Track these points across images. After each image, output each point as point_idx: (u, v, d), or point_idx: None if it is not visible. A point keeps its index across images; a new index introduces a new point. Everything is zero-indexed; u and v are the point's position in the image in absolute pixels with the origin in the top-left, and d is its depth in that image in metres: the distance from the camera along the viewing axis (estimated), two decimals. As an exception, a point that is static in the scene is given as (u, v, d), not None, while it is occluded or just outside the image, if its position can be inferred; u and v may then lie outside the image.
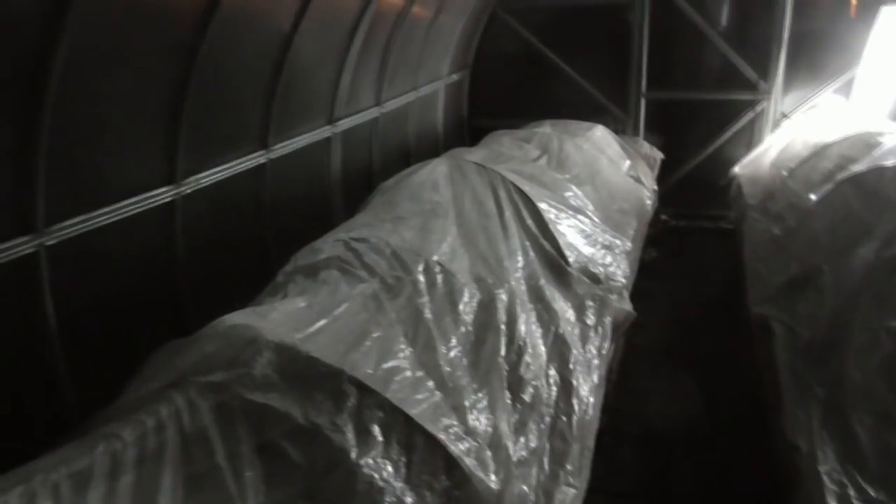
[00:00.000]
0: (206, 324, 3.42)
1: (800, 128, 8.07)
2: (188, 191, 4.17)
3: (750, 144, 8.54)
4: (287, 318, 3.00)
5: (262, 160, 4.79)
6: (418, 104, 7.57)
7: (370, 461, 2.47)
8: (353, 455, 2.45)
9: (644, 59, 8.54)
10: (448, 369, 3.17)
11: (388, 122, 6.78)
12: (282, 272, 3.73)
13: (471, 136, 8.78)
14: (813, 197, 5.84)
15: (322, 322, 3.00)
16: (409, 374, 2.91)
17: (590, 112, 8.38)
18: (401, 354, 3.01)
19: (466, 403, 3.07)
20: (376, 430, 2.58)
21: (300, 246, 4.05)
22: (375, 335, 3.05)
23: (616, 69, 8.67)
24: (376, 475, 2.46)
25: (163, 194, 3.98)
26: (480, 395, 3.20)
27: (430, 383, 2.98)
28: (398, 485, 2.54)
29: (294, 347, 2.70)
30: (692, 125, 8.80)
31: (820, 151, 6.80)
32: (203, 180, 4.28)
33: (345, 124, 5.87)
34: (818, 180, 6.21)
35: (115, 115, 3.61)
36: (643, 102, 8.72)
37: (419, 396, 2.84)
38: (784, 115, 8.52)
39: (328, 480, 2.45)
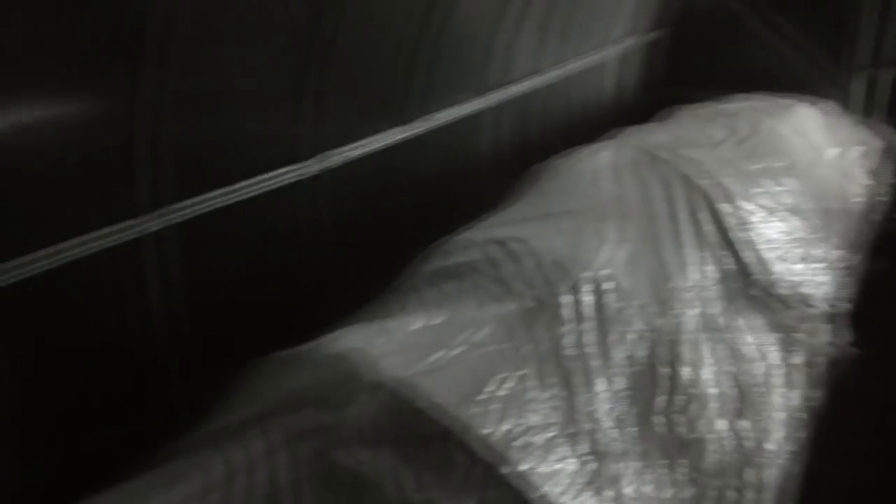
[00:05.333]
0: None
1: None
2: (324, 166, 3.79)
3: None
4: (399, 343, 2.50)
5: (400, 136, 4.30)
6: (586, 71, 6.74)
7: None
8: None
9: (870, 20, 7.04)
10: (590, 426, 2.53)
11: (549, 93, 6.05)
12: (405, 274, 3.25)
13: (647, 110, 7.77)
14: None
15: (438, 353, 2.48)
16: (540, 435, 2.31)
17: (796, 85, 7.08)
18: (532, 406, 2.41)
19: (617, 473, 2.43)
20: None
21: (438, 233, 3.57)
22: (501, 377, 2.47)
23: (833, 32, 7.23)
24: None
25: (288, 173, 3.62)
26: (635, 463, 2.54)
27: (568, 448, 2.36)
28: None
29: (397, 391, 2.20)
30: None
31: None
32: (340, 156, 3.87)
33: (498, 96, 5.23)
34: None
35: (240, 88, 3.26)
36: (870, 74, 7.20)
37: (555, 467, 2.24)
38: None
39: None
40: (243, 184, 3.38)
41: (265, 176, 3.47)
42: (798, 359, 3.56)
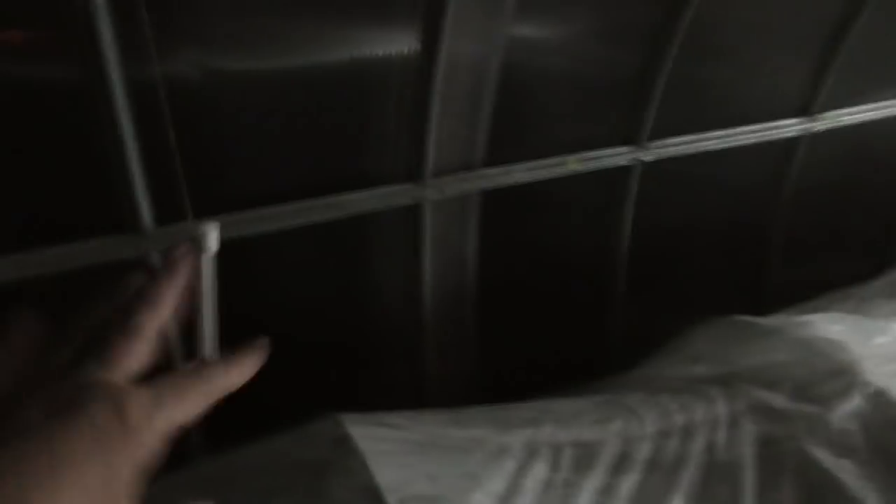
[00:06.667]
0: (794, 289, 2.92)
1: None
2: (821, 127, 3.38)
3: None
4: (899, 350, 2.13)
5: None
6: None
7: None
8: None
9: None
10: None
11: None
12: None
13: None
14: None
15: (955, 378, 2.04)
16: None
17: None
18: None
19: None
20: None
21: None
22: None
23: None
24: None
25: (788, 127, 3.30)
26: None
27: None
28: None
29: (898, 404, 1.88)
30: None
31: None
32: (844, 118, 3.41)
33: None
34: None
35: (752, 35, 3.02)
36: None
37: None
38: None
39: None
40: (733, 130, 3.19)
41: (757, 126, 3.22)
42: None
